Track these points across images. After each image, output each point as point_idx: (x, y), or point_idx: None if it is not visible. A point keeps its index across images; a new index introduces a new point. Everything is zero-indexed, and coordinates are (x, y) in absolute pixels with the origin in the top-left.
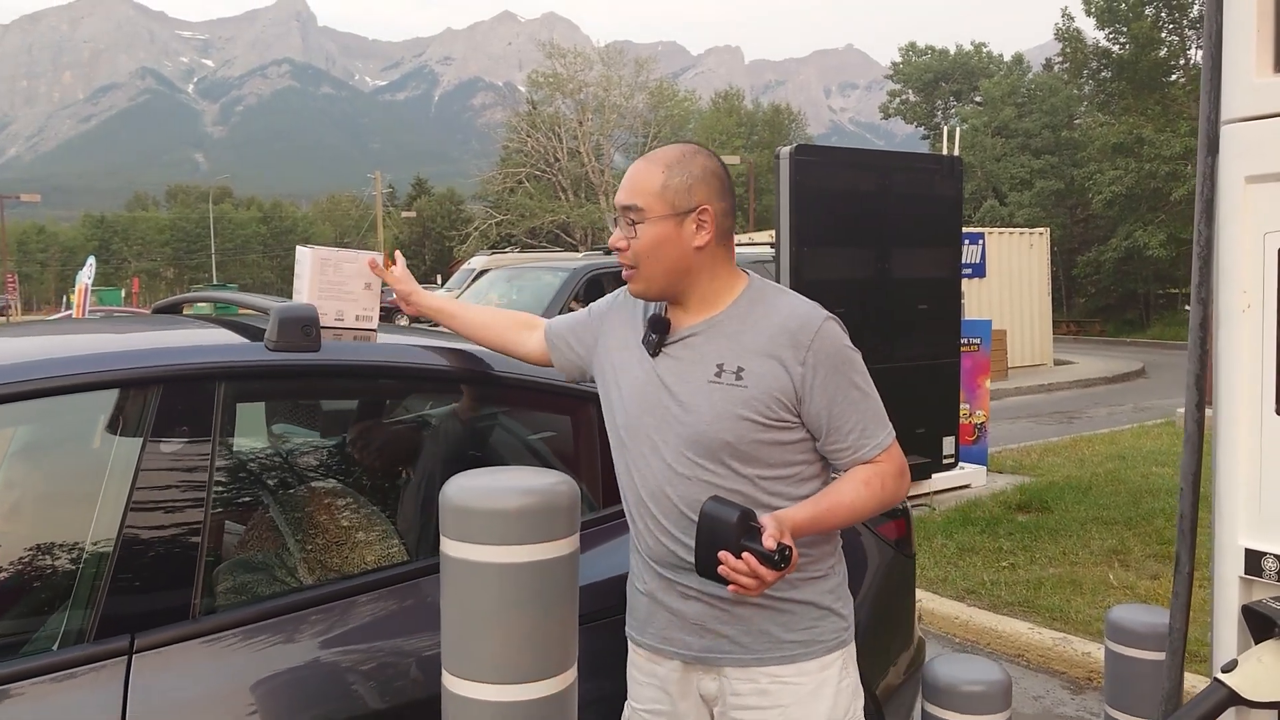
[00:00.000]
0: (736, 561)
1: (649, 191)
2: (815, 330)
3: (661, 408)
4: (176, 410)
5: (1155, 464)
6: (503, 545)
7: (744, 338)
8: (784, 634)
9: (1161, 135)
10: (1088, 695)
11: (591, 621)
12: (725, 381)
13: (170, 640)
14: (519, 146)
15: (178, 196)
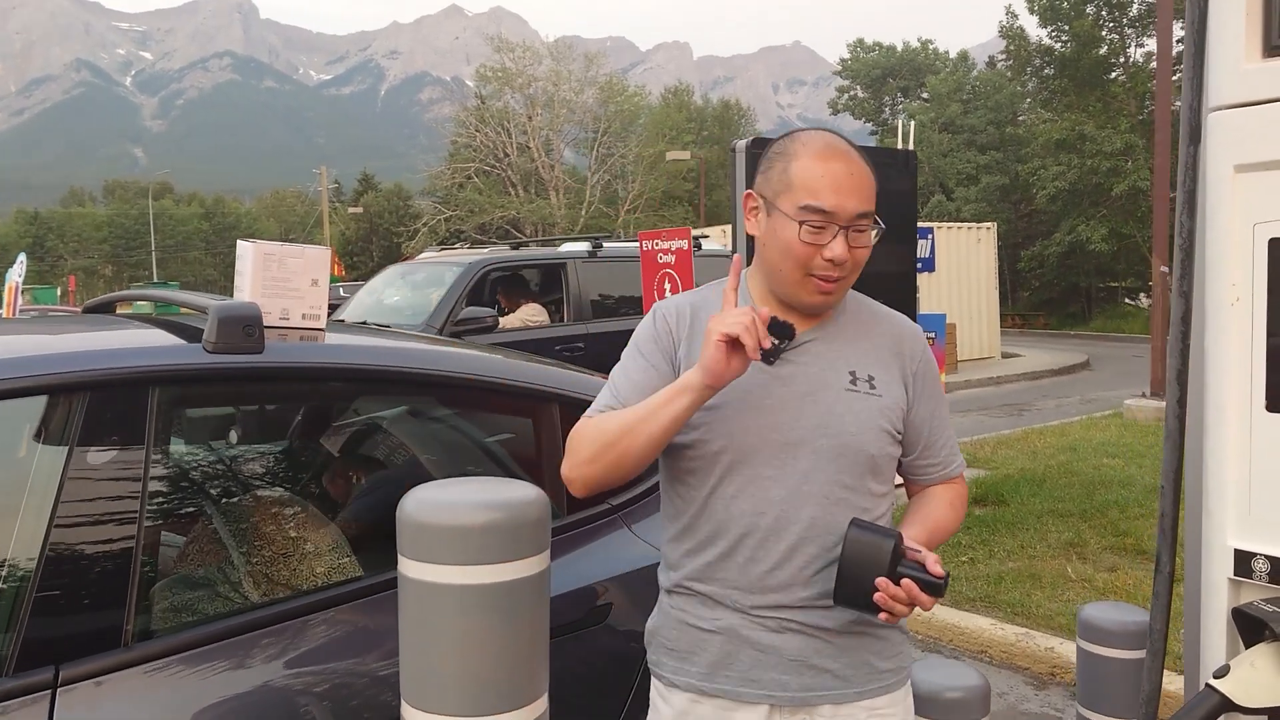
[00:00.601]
0: (897, 589)
1: (874, 193)
2: (921, 339)
3: (796, 419)
4: (106, 418)
5: (1106, 455)
6: (466, 565)
7: (863, 344)
8: (881, 663)
9: (1103, 132)
10: (1051, 691)
11: (557, 637)
12: (861, 390)
13: (100, 671)
14: (467, 141)
15: (116, 192)
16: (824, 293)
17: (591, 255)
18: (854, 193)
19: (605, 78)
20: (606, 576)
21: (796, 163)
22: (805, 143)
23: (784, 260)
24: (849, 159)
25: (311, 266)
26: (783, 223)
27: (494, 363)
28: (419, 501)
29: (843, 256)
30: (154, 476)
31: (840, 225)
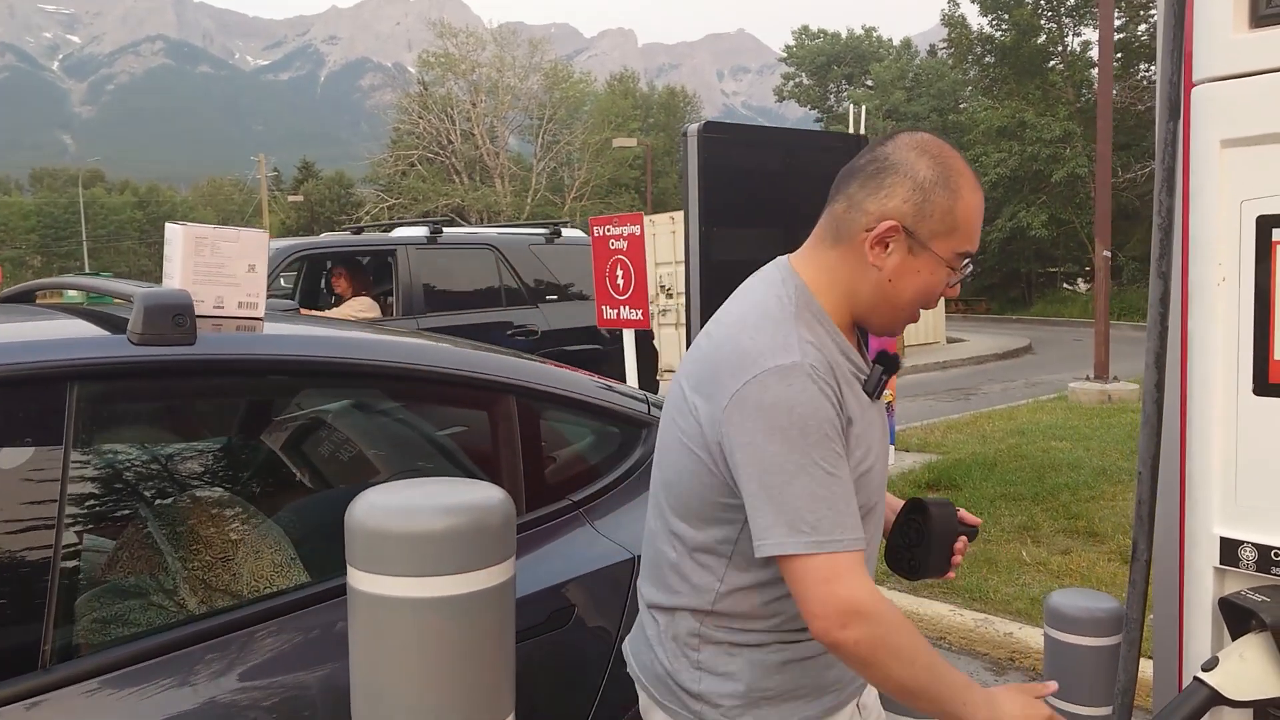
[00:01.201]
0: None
1: None
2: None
3: (885, 449)
4: (17, 417)
5: (1054, 438)
6: (424, 576)
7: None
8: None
9: (1042, 119)
10: (1010, 676)
11: (519, 641)
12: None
13: (12, 699)
14: (410, 128)
15: (44, 180)
16: (914, 319)
17: (430, 241)
18: (978, 230)
19: (550, 64)
20: (570, 577)
21: (962, 203)
22: (962, 173)
23: (912, 300)
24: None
25: (247, 251)
26: (933, 265)
27: (447, 353)
28: (370, 506)
29: (953, 292)
30: (75, 479)
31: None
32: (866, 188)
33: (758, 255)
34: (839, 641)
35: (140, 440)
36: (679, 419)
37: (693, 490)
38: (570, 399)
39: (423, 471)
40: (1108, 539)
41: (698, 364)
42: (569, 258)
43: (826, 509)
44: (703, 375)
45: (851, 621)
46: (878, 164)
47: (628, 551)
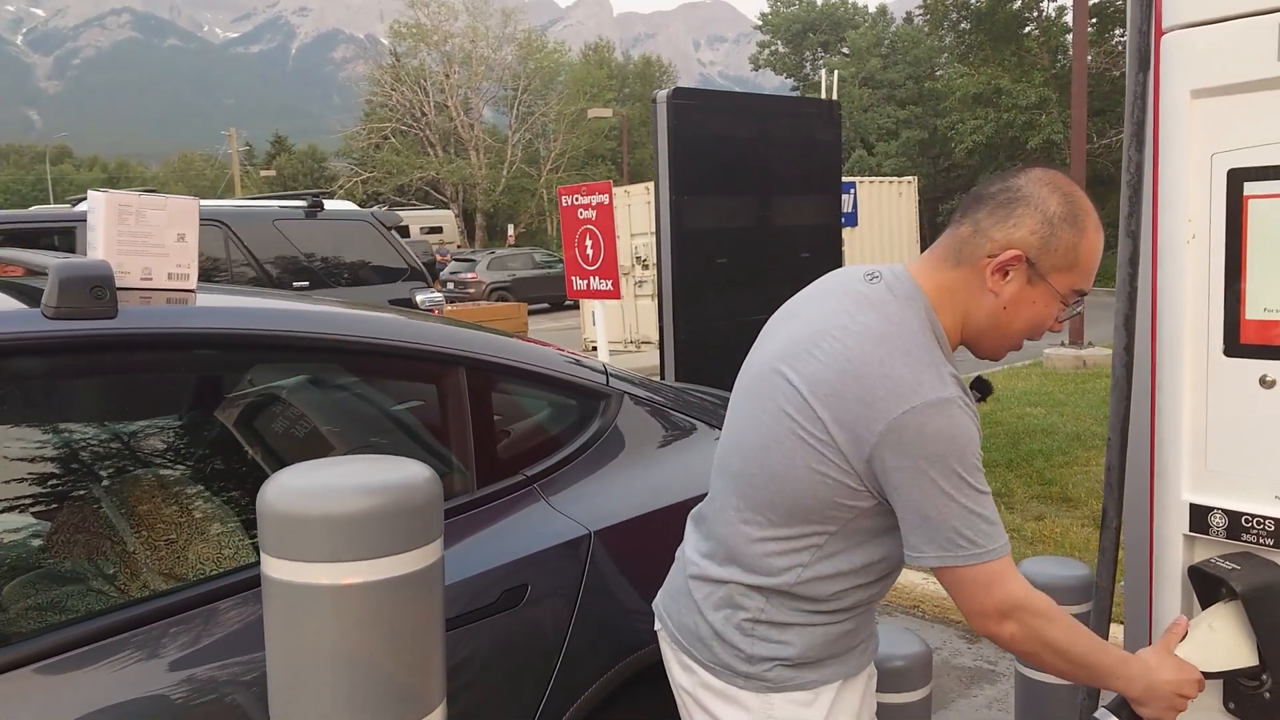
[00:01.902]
0: None
1: None
2: None
3: None
4: None
5: (1028, 404)
6: (340, 562)
7: None
8: None
9: (1018, 85)
10: (985, 644)
11: (469, 623)
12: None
13: None
14: (383, 101)
15: (10, 157)
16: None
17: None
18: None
19: (524, 34)
20: (522, 555)
21: (1086, 241)
22: (1089, 213)
23: (1023, 330)
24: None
25: (176, 219)
26: (1048, 298)
27: (392, 324)
28: (282, 489)
29: (1058, 326)
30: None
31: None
32: (995, 215)
33: (730, 223)
34: (997, 635)
35: (59, 419)
36: (796, 416)
37: (810, 490)
38: (524, 370)
39: (363, 449)
40: (1081, 504)
41: (826, 370)
42: (339, 235)
43: (982, 524)
44: (842, 391)
45: (1009, 618)
46: (1009, 194)
47: (584, 527)
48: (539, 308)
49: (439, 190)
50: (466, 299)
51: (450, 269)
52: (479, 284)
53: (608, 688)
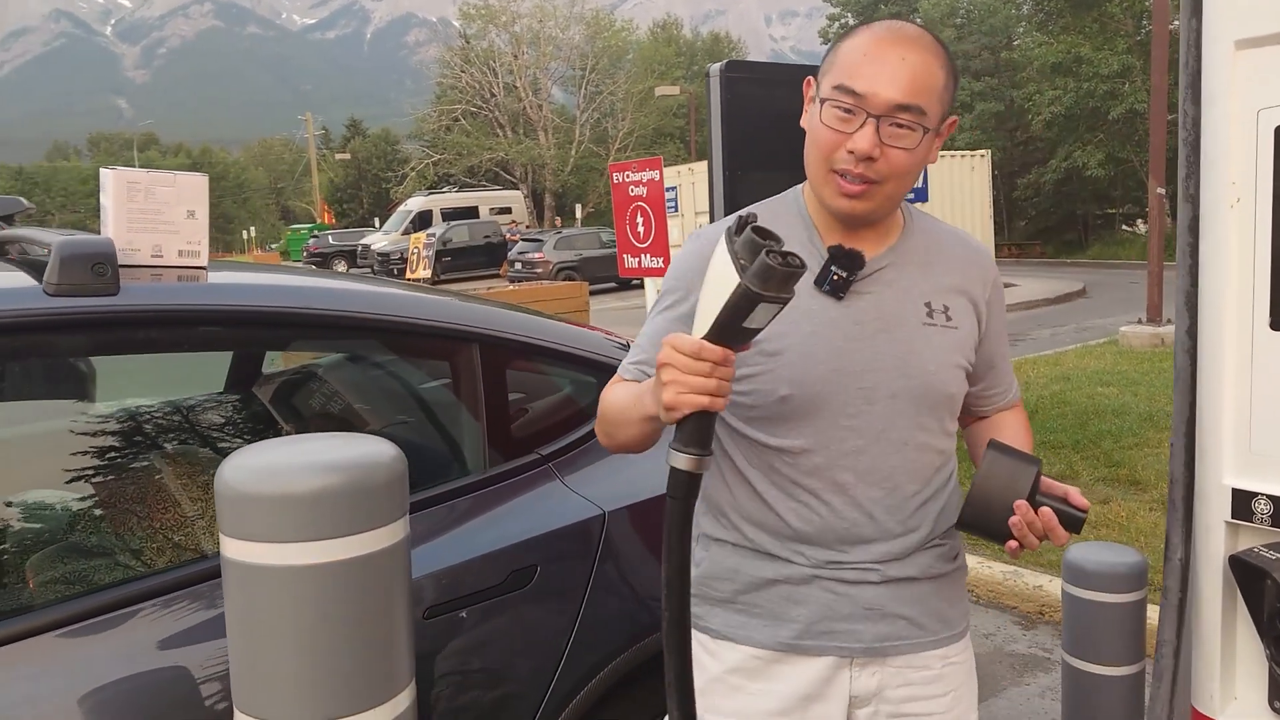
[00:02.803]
0: (1034, 516)
1: (932, 91)
2: (992, 262)
3: (872, 359)
4: None
5: (1100, 384)
6: (295, 542)
7: (936, 270)
8: (950, 609)
9: (1099, 53)
10: (1040, 630)
11: (476, 603)
12: (938, 323)
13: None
14: (453, 83)
15: (100, 145)
16: (846, 194)
17: None
18: (897, 81)
19: (591, 13)
20: (532, 535)
21: (848, 41)
22: (871, 25)
23: (810, 151)
24: (909, 43)
25: (185, 196)
26: (816, 106)
27: (403, 300)
28: (237, 468)
29: (867, 149)
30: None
31: (870, 113)
32: None
33: None
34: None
35: (61, 395)
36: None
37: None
38: (541, 347)
39: (367, 426)
40: (1150, 487)
41: None
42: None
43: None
44: None
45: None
46: None
47: (597, 507)
48: (606, 287)
49: (508, 171)
50: (534, 279)
51: (518, 249)
52: (546, 264)
53: (618, 673)
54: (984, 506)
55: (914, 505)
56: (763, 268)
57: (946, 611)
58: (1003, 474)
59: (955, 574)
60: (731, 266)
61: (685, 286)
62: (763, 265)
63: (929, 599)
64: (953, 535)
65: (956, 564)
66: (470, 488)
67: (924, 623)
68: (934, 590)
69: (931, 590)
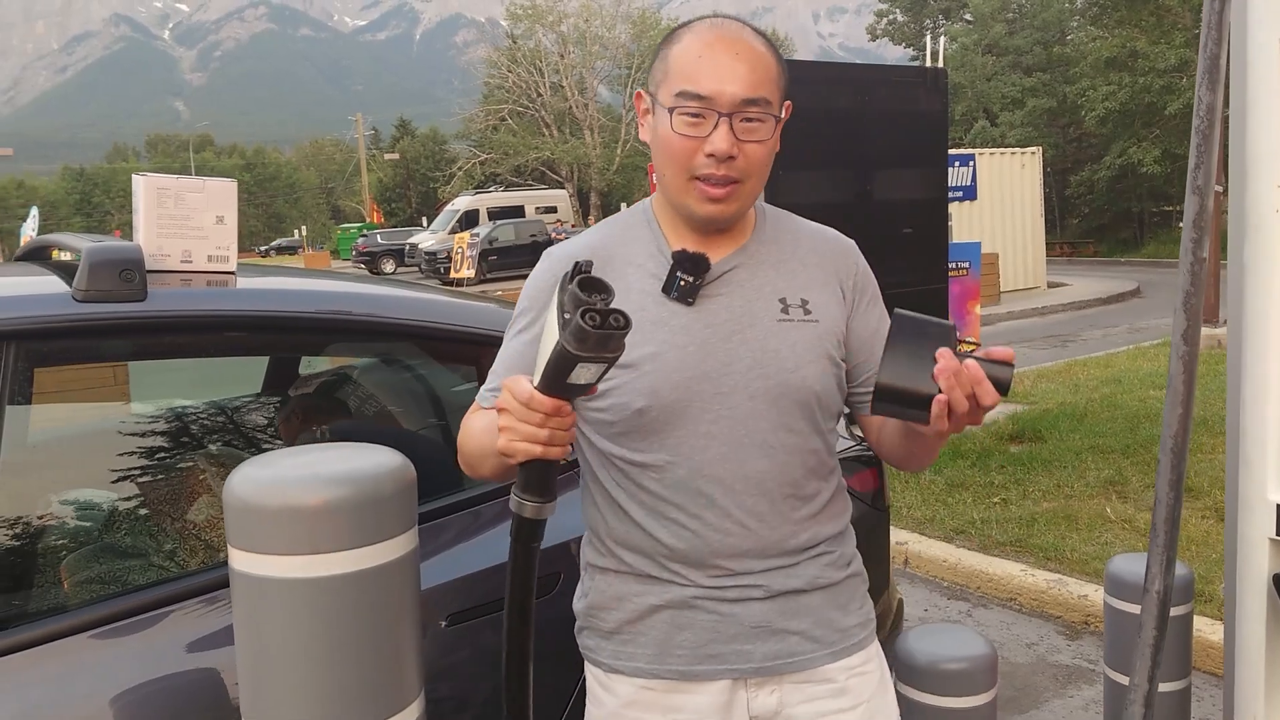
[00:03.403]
0: (961, 369)
1: (771, 79)
2: (854, 253)
3: (727, 362)
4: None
5: (1152, 387)
6: (303, 555)
7: (790, 265)
8: (846, 619)
9: (1156, 47)
10: (1085, 641)
11: (495, 612)
12: (795, 318)
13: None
14: (500, 83)
15: (158, 146)
16: (712, 199)
17: None
18: (738, 77)
19: (638, 12)
20: (557, 541)
21: (676, 47)
22: (691, 27)
23: (665, 162)
24: (738, 40)
25: (214, 201)
26: (661, 116)
27: (430, 305)
28: (245, 479)
29: (725, 149)
30: (9, 442)
31: (722, 113)
32: None
33: (828, 199)
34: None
35: (88, 401)
36: None
37: None
38: None
39: (384, 434)
40: (1203, 494)
41: None
42: None
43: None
44: None
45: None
46: None
47: None
48: None
49: (554, 170)
50: None
51: None
52: None
53: None
54: (901, 364)
55: (790, 511)
56: (577, 329)
57: (841, 621)
58: (915, 332)
59: (848, 581)
60: (555, 318)
61: (535, 309)
62: (576, 327)
63: (820, 610)
64: (843, 541)
65: (849, 570)
66: (495, 493)
67: (817, 635)
68: (826, 600)
69: (823, 600)
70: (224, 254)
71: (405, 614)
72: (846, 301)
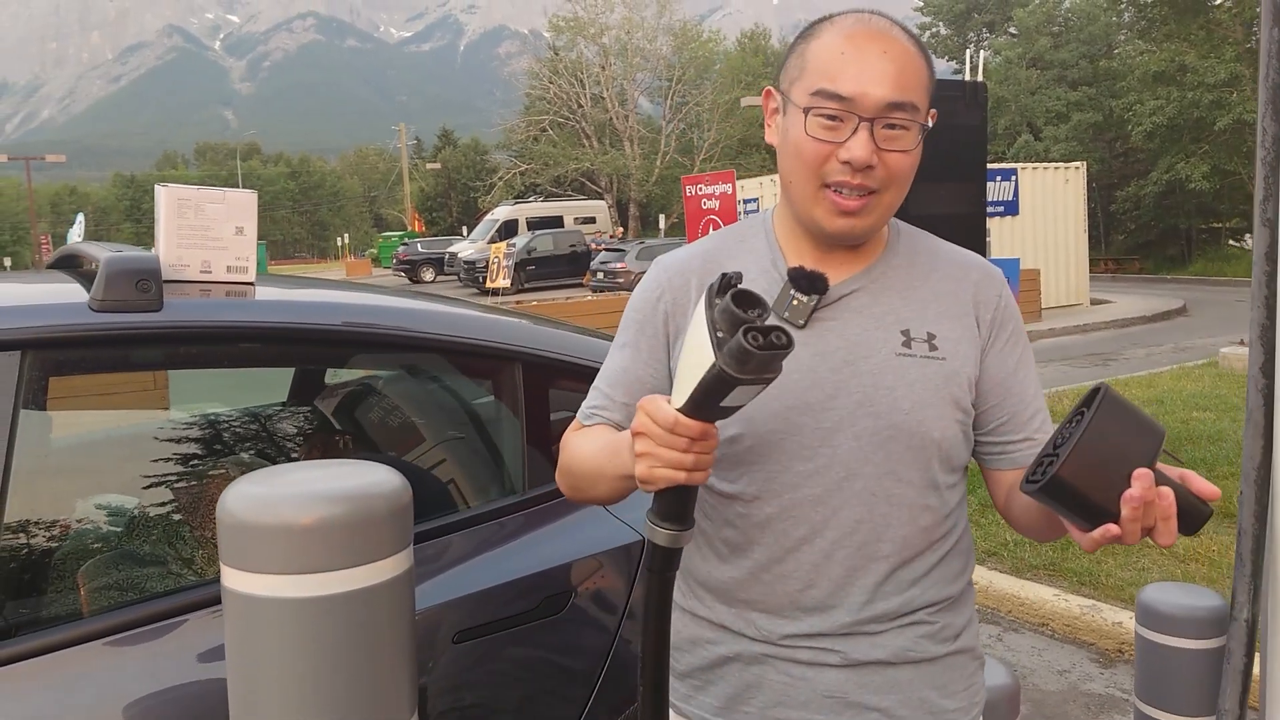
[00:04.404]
0: (1153, 496)
1: (921, 83)
2: (999, 281)
3: (833, 395)
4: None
5: (1196, 409)
6: (297, 574)
7: (921, 293)
8: (946, 700)
9: (1205, 62)
10: (1119, 669)
11: (503, 630)
12: (918, 353)
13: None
14: (541, 94)
15: (206, 154)
16: (845, 211)
17: None
18: (885, 78)
19: (679, 24)
20: (567, 560)
21: (816, 41)
22: (834, 20)
23: (795, 168)
24: (886, 37)
25: (234, 213)
26: (794, 117)
27: (446, 318)
28: (240, 496)
29: (864, 158)
30: (24, 451)
31: (863, 117)
32: None
33: None
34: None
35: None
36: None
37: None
38: (586, 367)
39: (401, 448)
40: (1232, 516)
41: None
42: None
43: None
44: None
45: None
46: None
47: (637, 533)
48: None
49: (594, 181)
50: (616, 288)
51: (600, 259)
52: (628, 274)
53: None
54: (1093, 465)
55: (886, 571)
56: (739, 350)
57: (938, 703)
58: (1120, 430)
59: (952, 659)
60: (708, 337)
61: (639, 321)
62: (739, 348)
63: (911, 688)
64: (952, 611)
65: (955, 645)
66: (506, 510)
67: (903, 715)
68: (919, 677)
69: (915, 677)
70: (243, 264)
71: (399, 635)
72: (981, 337)
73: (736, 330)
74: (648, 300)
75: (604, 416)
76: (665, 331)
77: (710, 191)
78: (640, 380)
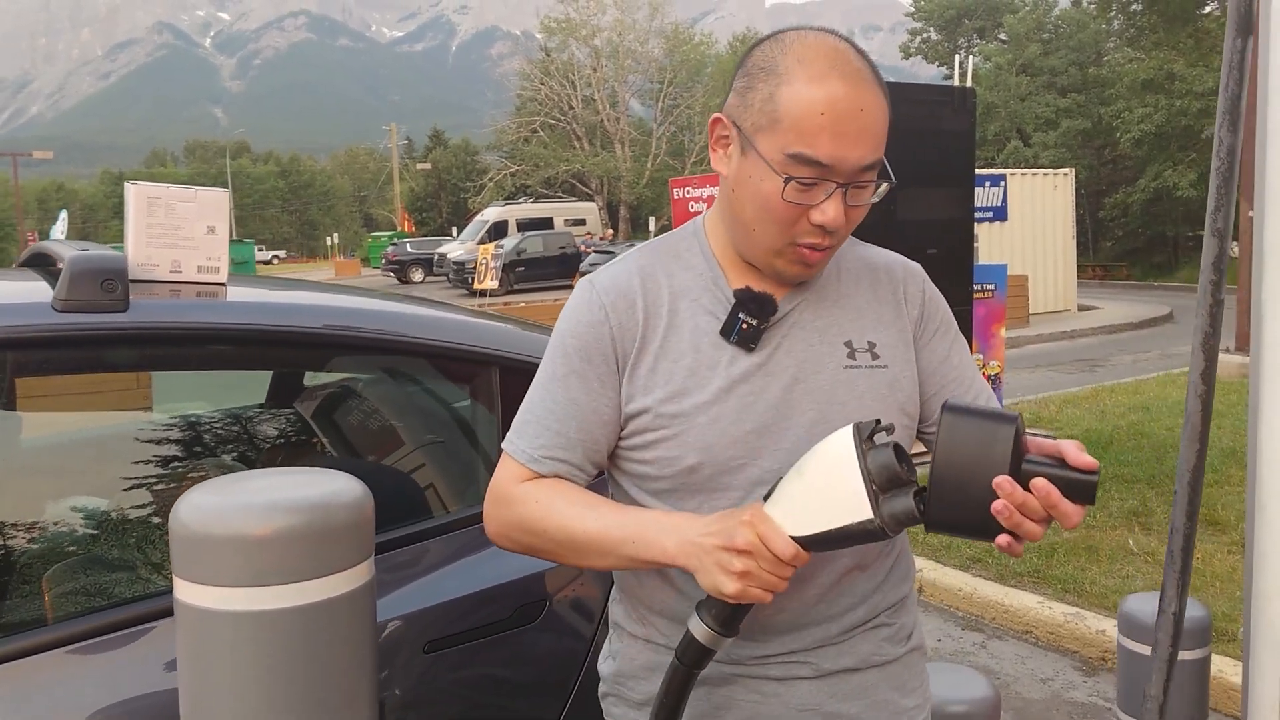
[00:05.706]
0: (1026, 495)
1: (885, 133)
2: (920, 277)
3: (787, 415)
4: None
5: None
6: (252, 587)
7: (856, 301)
8: (904, 699)
9: (1194, 70)
10: (1101, 678)
11: (477, 639)
12: (862, 364)
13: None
14: (533, 95)
15: (196, 152)
16: (807, 264)
17: None
18: (861, 137)
19: (671, 27)
20: (542, 569)
21: (788, 88)
22: (801, 58)
23: (760, 220)
24: (860, 86)
25: (206, 212)
26: (762, 171)
27: (422, 321)
28: (191, 505)
29: (837, 222)
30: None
31: (839, 183)
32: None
33: None
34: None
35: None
36: None
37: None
38: None
39: (374, 452)
40: (1230, 528)
41: None
42: None
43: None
44: None
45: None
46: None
47: None
48: None
49: (584, 183)
50: None
51: (589, 260)
52: None
53: None
54: (953, 495)
55: (847, 581)
56: (905, 514)
57: (899, 702)
58: (970, 443)
59: (908, 657)
60: (862, 486)
61: (581, 349)
62: (908, 514)
63: (876, 690)
64: (903, 611)
65: (909, 645)
66: (479, 517)
67: (871, 719)
68: (883, 679)
69: (880, 679)
70: (215, 265)
71: (358, 650)
72: (913, 333)
73: (891, 487)
74: (589, 325)
75: (564, 459)
76: (614, 357)
77: (698, 194)
78: (596, 412)
